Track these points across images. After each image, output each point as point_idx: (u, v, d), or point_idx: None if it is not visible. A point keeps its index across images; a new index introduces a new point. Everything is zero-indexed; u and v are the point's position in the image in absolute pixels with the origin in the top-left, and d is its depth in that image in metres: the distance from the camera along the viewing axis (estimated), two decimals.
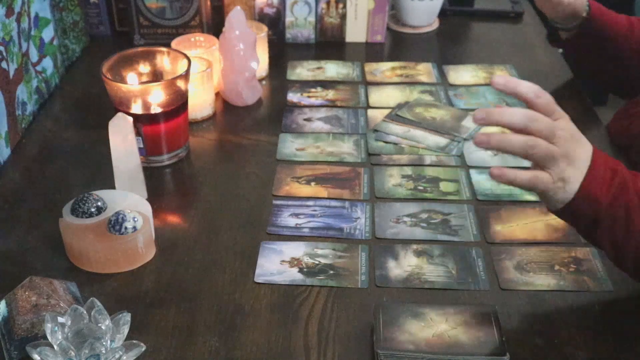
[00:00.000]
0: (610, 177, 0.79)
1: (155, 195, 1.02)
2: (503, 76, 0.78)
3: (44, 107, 1.24)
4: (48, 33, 1.26)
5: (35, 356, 0.72)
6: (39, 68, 1.23)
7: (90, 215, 0.90)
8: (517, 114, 0.77)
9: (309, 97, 1.28)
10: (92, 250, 0.88)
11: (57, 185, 1.05)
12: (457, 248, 0.94)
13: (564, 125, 0.79)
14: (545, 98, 0.79)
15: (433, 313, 0.79)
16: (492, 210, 1.00)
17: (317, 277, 0.89)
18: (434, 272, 0.90)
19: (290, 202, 1.02)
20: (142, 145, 1.06)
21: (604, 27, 1.19)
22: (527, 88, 0.79)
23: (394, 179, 1.07)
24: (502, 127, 0.78)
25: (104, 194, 0.94)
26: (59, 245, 0.91)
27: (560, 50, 1.38)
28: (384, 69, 1.37)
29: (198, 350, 0.79)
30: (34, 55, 1.20)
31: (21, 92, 1.15)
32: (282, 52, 1.43)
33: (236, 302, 0.85)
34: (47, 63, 1.27)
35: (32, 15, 1.20)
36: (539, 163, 0.78)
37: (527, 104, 0.79)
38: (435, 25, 1.56)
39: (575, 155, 0.78)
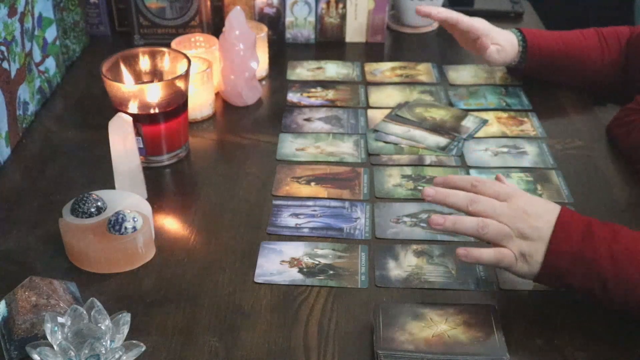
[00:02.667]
0: (579, 242, 0.78)
1: (155, 195, 1.02)
2: (431, 188, 0.83)
3: (44, 107, 1.24)
4: (51, 33, 1.27)
5: (35, 356, 0.72)
6: (41, 68, 1.23)
7: (90, 215, 0.90)
8: (460, 195, 0.82)
9: (309, 97, 1.28)
10: (92, 250, 0.88)
11: (57, 185, 1.05)
12: (457, 248, 0.93)
13: (512, 204, 0.81)
14: (482, 185, 0.83)
15: (433, 313, 0.79)
16: None
17: (317, 277, 0.89)
18: (433, 272, 0.90)
19: (290, 202, 1.02)
20: (142, 145, 1.06)
21: (549, 54, 1.23)
22: (462, 181, 0.84)
23: (393, 179, 1.07)
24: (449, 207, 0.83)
25: (104, 194, 0.94)
26: (59, 245, 0.91)
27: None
28: (384, 69, 1.37)
29: (198, 350, 0.79)
30: (37, 55, 1.20)
31: (23, 92, 1.15)
32: (282, 52, 1.43)
33: (236, 302, 0.85)
34: (50, 63, 1.27)
35: (36, 15, 1.20)
36: (495, 242, 0.81)
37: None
38: (435, 25, 1.56)
39: (530, 231, 0.79)
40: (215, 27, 1.43)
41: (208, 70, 1.17)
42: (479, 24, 1.22)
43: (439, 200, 0.82)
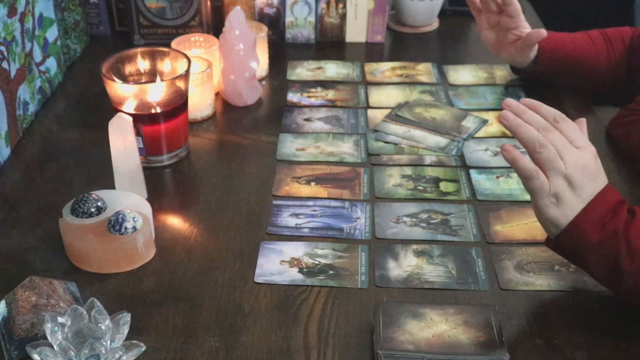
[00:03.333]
0: (608, 217, 0.79)
1: (155, 195, 1.02)
2: (509, 112, 0.81)
3: (44, 107, 1.24)
4: (52, 33, 1.26)
5: (35, 356, 0.72)
6: (42, 68, 1.23)
7: (90, 215, 0.90)
8: (531, 133, 0.79)
9: (309, 97, 1.28)
10: (92, 250, 0.88)
11: (57, 185, 1.05)
12: (457, 248, 0.94)
13: (582, 153, 0.79)
14: (564, 124, 0.81)
15: (433, 313, 0.79)
16: (492, 210, 1.00)
17: (317, 277, 0.89)
18: (433, 272, 0.90)
19: (290, 202, 1.02)
20: (142, 145, 1.06)
21: (560, 56, 1.22)
22: (546, 111, 0.82)
23: (393, 179, 1.07)
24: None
25: (104, 194, 0.94)
26: (59, 245, 0.91)
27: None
28: (384, 69, 1.37)
29: (198, 350, 0.79)
30: (37, 55, 1.20)
31: (23, 92, 1.14)
32: (282, 52, 1.43)
33: (236, 302, 0.85)
34: (51, 63, 1.27)
35: (37, 15, 1.20)
36: (542, 166, 0.78)
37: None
38: (435, 25, 1.56)
39: (579, 184, 0.78)
40: (215, 27, 1.43)
41: (208, 70, 1.17)
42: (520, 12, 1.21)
43: (512, 127, 0.80)
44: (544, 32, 1.18)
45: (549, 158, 0.78)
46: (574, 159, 0.78)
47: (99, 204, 0.91)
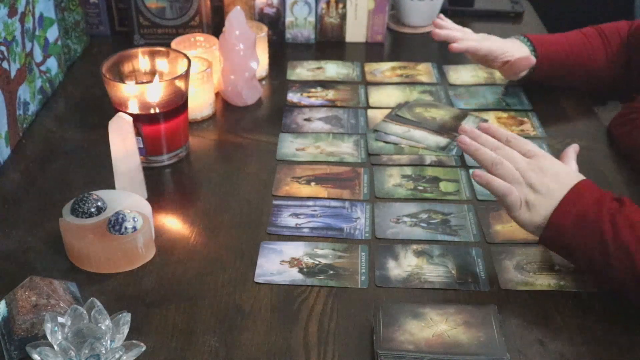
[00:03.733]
0: (588, 206, 0.82)
1: (155, 195, 1.02)
2: (466, 137, 0.89)
3: (45, 107, 1.24)
4: (52, 33, 1.26)
5: (35, 356, 0.72)
6: (43, 68, 1.23)
7: (90, 215, 0.90)
8: (487, 155, 0.87)
9: (309, 97, 1.28)
10: (92, 250, 0.88)
11: (57, 185, 1.05)
12: (457, 248, 0.94)
13: (534, 161, 0.87)
14: (516, 142, 0.89)
15: (433, 313, 0.79)
16: (492, 210, 1.00)
17: (317, 277, 0.89)
18: (433, 272, 0.90)
19: (290, 202, 1.02)
20: (142, 145, 1.06)
21: (559, 60, 1.22)
22: (499, 134, 0.90)
23: (393, 179, 1.07)
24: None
25: (104, 194, 0.94)
26: (59, 245, 0.91)
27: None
28: (384, 69, 1.37)
29: (198, 350, 0.79)
30: (38, 55, 1.20)
31: (23, 92, 1.14)
32: (282, 52, 1.43)
33: (236, 302, 0.85)
34: (52, 63, 1.27)
35: (37, 15, 1.20)
36: (505, 181, 0.86)
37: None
38: None
39: (540, 186, 0.85)
40: (215, 27, 1.43)
41: (208, 70, 1.17)
42: (494, 45, 1.21)
43: (470, 151, 0.88)
44: (532, 59, 1.20)
45: (507, 172, 0.85)
46: (529, 167, 0.86)
47: (99, 204, 0.91)
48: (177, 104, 1.07)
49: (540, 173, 0.85)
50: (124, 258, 0.89)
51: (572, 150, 0.93)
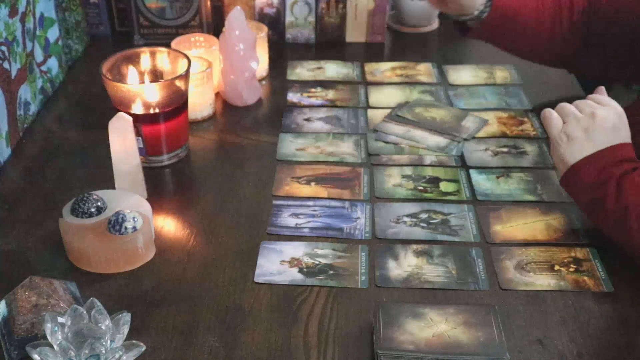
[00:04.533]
0: (609, 166, 0.88)
1: (155, 195, 1.02)
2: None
3: (45, 107, 1.24)
4: (53, 33, 1.27)
5: (35, 356, 0.72)
6: (44, 68, 1.23)
7: (90, 215, 0.90)
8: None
9: (309, 97, 1.28)
10: (92, 250, 0.88)
11: (57, 185, 1.05)
12: (457, 248, 0.94)
13: (602, 109, 0.91)
14: (594, 96, 0.95)
15: (433, 313, 0.79)
16: (492, 210, 1.00)
17: (317, 277, 0.89)
18: (433, 272, 0.90)
19: (290, 202, 1.02)
20: (142, 145, 1.06)
21: (513, 7, 1.15)
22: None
23: (393, 179, 1.07)
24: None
25: (104, 194, 0.94)
26: (59, 245, 0.91)
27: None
28: (384, 69, 1.37)
29: (198, 350, 0.79)
30: (38, 55, 1.20)
31: (24, 92, 1.14)
32: (282, 52, 1.43)
33: (236, 302, 0.85)
34: (52, 63, 1.27)
35: (38, 15, 1.20)
36: (562, 115, 0.92)
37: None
38: (435, 25, 1.56)
39: (593, 130, 0.89)
40: (215, 27, 1.43)
41: (208, 70, 1.17)
42: None
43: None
44: None
45: (569, 109, 0.92)
46: (592, 110, 0.90)
47: (99, 204, 0.91)
48: (177, 104, 1.07)
49: (601, 121, 0.89)
50: (124, 258, 0.89)
51: (603, 90, 0.97)
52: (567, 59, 1.22)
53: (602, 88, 0.97)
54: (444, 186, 1.05)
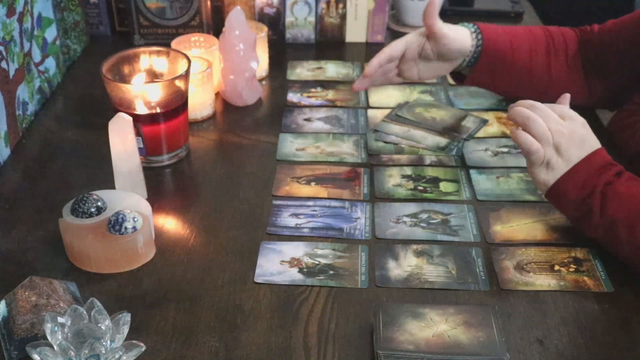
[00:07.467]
0: (590, 178, 0.89)
1: (155, 195, 1.02)
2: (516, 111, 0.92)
3: (44, 107, 1.24)
4: (51, 33, 1.26)
5: (35, 356, 0.72)
6: (41, 68, 1.23)
7: (90, 215, 0.90)
8: (528, 101, 0.93)
9: (309, 97, 1.28)
10: (92, 250, 0.88)
11: (57, 185, 1.05)
12: (457, 248, 0.94)
13: (568, 124, 0.90)
14: (555, 106, 0.93)
15: (433, 313, 0.79)
16: (492, 210, 1.00)
17: (317, 277, 0.89)
18: (433, 272, 0.90)
19: (290, 202, 1.02)
20: (142, 145, 1.06)
21: (503, 48, 1.12)
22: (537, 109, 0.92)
23: (393, 179, 1.07)
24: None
25: (104, 194, 0.94)
26: (59, 245, 0.91)
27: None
28: None
29: (198, 350, 0.79)
30: (36, 55, 1.20)
31: (22, 92, 1.14)
32: (282, 52, 1.43)
33: (236, 302, 0.85)
34: (50, 63, 1.27)
35: (35, 15, 1.20)
36: (535, 139, 0.90)
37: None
38: None
39: (564, 149, 0.89)
40: (215, 27, 1.43)
41: (208, 70, 1.17)
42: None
43: (509, 111, 0.93)
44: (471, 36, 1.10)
45: (538, 131, 0.89)
46: (560, 128, 0.89)
47: (99, 204, 0.91)
48: (177, 104, 1.07)
49: (569, 137, 0.89)
50: (124, 258, 0.89)
51: (567, 100, 0.96)
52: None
53: (567, 96, 0.96)
54: (444, 186, 1.05)
